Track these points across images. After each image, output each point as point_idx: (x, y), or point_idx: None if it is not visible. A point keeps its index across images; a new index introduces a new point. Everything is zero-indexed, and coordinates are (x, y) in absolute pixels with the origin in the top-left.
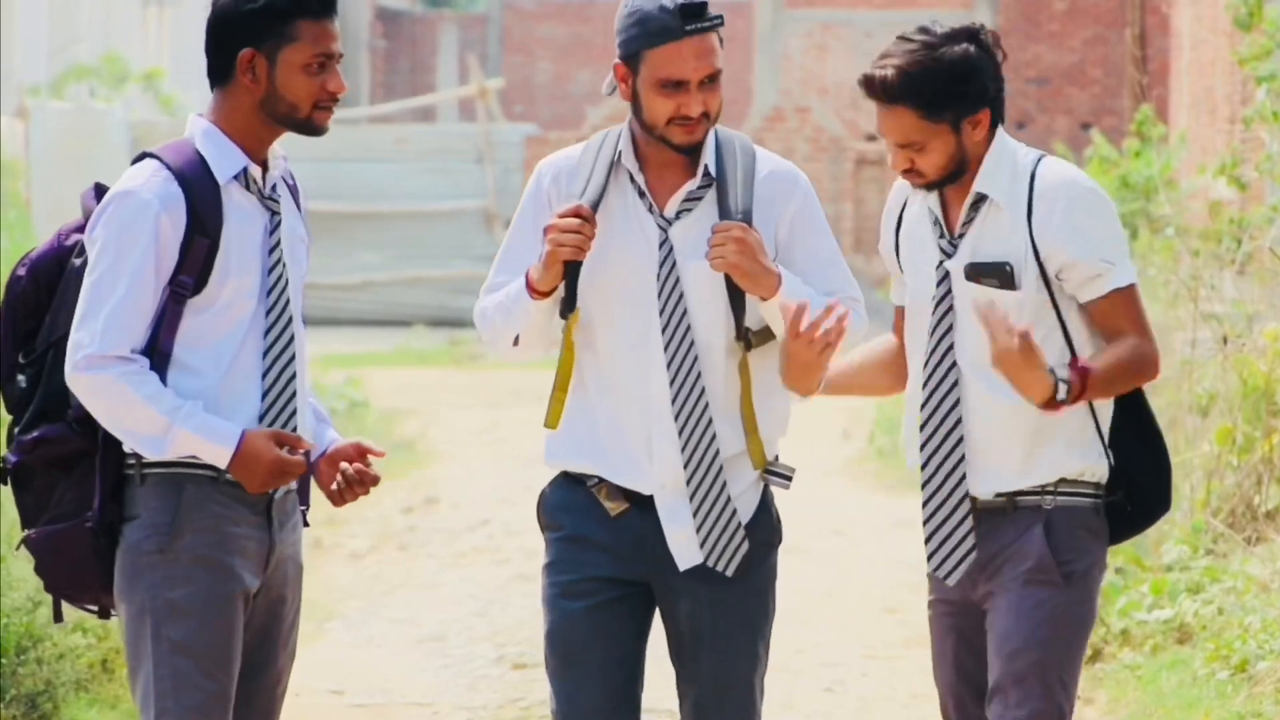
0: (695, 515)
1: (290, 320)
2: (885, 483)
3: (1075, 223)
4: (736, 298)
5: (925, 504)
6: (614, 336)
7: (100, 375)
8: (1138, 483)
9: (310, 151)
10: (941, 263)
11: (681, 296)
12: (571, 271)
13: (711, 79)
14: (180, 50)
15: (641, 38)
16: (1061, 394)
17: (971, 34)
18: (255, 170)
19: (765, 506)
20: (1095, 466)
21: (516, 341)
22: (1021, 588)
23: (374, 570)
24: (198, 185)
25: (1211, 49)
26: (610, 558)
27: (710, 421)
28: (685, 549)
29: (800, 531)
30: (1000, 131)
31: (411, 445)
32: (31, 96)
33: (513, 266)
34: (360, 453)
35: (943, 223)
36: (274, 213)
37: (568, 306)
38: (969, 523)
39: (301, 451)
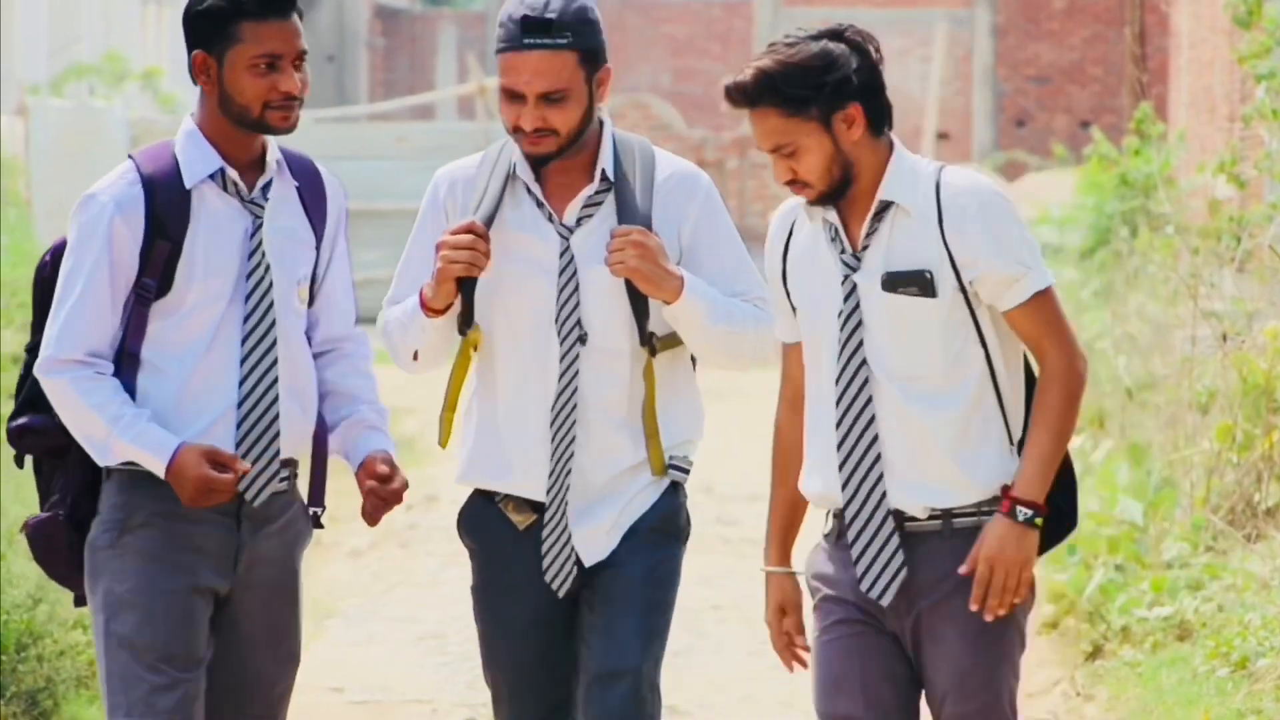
0: (545, 525)
1: (273, 323)
2: None
3: (989, 228)
4: (639, 302)
5: (849, 525)
6: (516, 350)
7: (55, 380)
8: (1050, 500)
9: (310, 149)
10: (848, 277)
11: (578, 305)
12: (467, 288)
13: (551, 97)
14: (179, 49)
15: (497, 42)
16: (1025, 518)
17: (835, 33)
18: (233, 172)
19: (668, 503)
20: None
21: (416, 357)
22: (978, 621)
23: (374, 568)
24: (163, 188)
25: (1210, 47)
26: (526, 573)
27: (574, 439)
28: (584, 547)
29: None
30: (898, 145)
31: (411, 443)
32: (31, 95)
33: (414, 279)
34: (383, 464)
35: (844, 238)
36: (256, 215)
37: (465, 323)
38: (895, 539)
39: (242, 471)
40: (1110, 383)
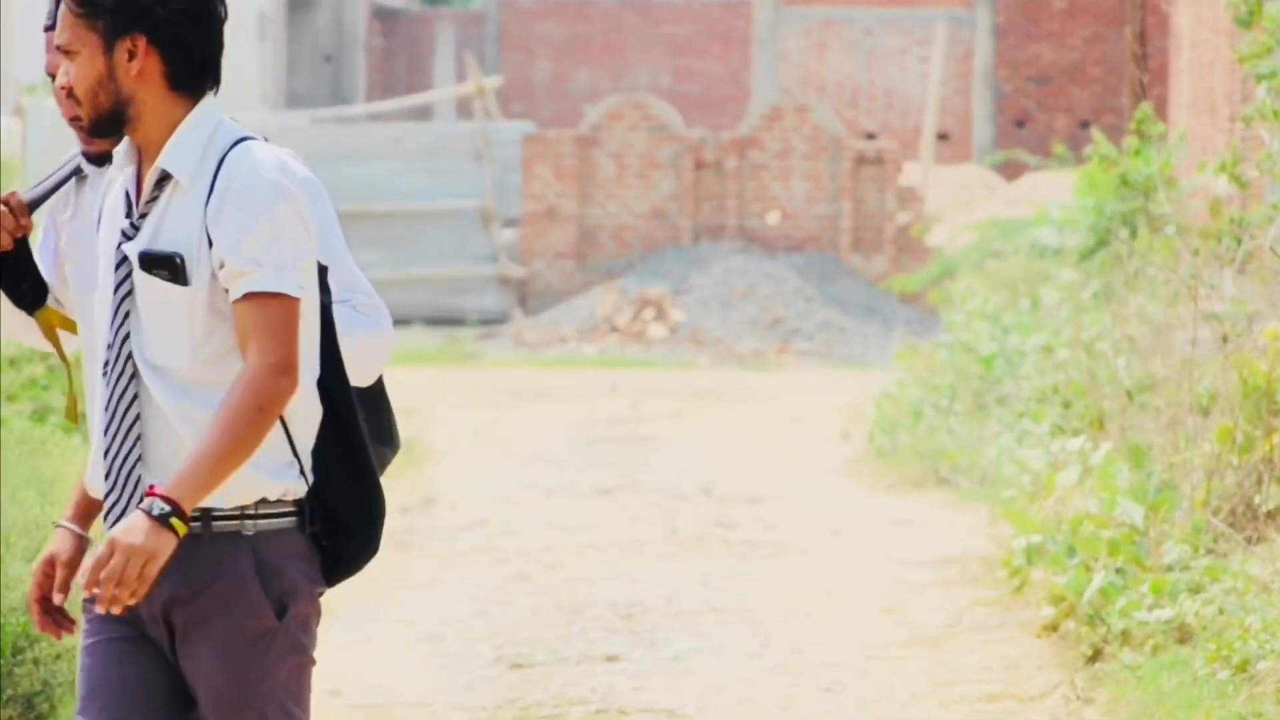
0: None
1: None
2: (885, 482)
3: (239, 212)
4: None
5: (107, 517)
6: (91, 349)
7: None
8: (341, 516)
9: (308, 150)
10: (120, 246)
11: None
12: (20, 264)
13: (63, 48)
14: None
15: None
16: (159, 512)
17: None
18: None
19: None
20: (294, 486)
21: None
22: (234, 634)
23: (372, 570)
24: None
25: (1211, 47)
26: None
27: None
28: None
29: (799, 531)
30: (209, 108)
31: (409, 445)
32: (29, 95)
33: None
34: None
35: (133, 200)
36: None
37: (33, 303)
38: None
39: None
40: (1110, 384)
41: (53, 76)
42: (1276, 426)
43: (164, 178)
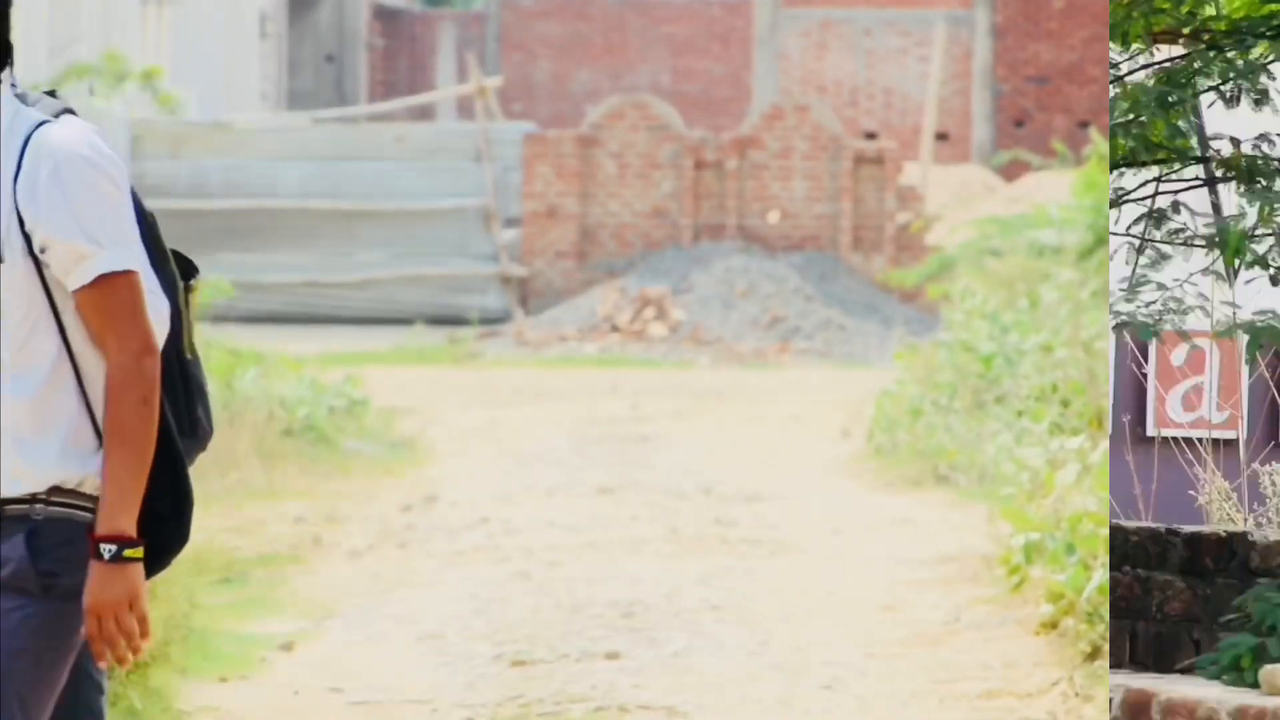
0: None
1: None
2: (884, 481)
3: (62, 191)
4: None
5: None
6: None
7: None
8: (152, 504)
9: (309, 150)
10: None
11: None
12: None
13: None
14: (179, 49)
15: None
16: (110, 555)
17: None
18: None
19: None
20: (94, 477)
21: None
22: None
23: (373, 568)
24: None
25: None
26: None
27: None
28: None
29: (799, 530)
30: (7, 92)
31: (411, 443)
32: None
33: None
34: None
35: None
36: None
37: None
38: None
39: None
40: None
41: None
42: None
43: None
